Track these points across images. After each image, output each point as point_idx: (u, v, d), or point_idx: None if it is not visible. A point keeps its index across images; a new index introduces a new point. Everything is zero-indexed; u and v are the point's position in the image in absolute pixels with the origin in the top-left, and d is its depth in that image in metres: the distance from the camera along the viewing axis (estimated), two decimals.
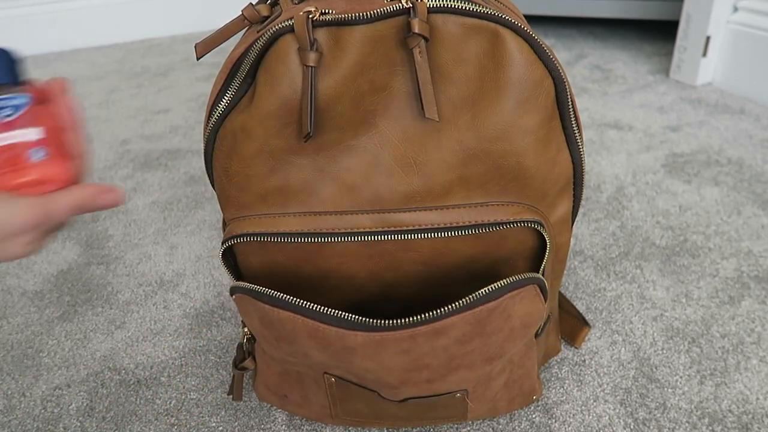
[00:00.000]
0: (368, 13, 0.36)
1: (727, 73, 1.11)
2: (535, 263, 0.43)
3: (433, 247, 0.40)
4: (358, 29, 0.37)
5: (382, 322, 0.38)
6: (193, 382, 0.57)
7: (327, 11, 0.37)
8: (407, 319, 0.38)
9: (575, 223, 0.77)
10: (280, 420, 0.52)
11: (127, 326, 0.64)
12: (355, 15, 0.36)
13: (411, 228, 0.39)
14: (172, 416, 0.53)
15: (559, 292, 0.61)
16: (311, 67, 0.36)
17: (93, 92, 1.34)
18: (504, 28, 0.36)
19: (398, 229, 0.39)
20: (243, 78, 0.39)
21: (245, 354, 0.50)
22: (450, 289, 0.43)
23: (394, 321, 0.38)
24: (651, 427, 0.49)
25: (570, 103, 0.39)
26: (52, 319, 0.66)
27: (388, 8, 0.36)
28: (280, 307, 0.39)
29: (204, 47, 0.41)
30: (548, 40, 1.45)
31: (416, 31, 0.35)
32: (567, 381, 0.54)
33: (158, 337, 0.62)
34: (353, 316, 0.38)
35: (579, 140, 0.41)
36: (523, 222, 0.40)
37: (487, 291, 0.38)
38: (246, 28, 0.42)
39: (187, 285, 0.70)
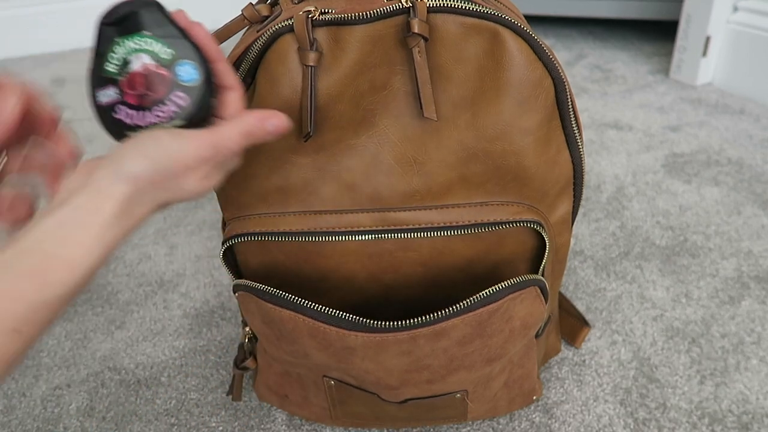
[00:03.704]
0: (368, 12, 0.36)
1: (727, 73, 1.11)
2: (536, 264, 0.43)
3: (432, 246, 0.40)
4: (357, 29, 0.37)
5: (383, 323, 0.38)
6: (193, 382, 0.57)
7: (327, 11, 0.37)
8: (408, 321, 0.38)
9: (575, 223, 0.77)
10: (280, 420, 0.52)
11: (127, 326, 0.64)
12: (355, 15, 0.36)
13: (410, 227, 0.39)
14: (172, 416, 0.53)
15: (559, 292, 0.61)
16: (311, 66, 0.36)
17: None
18: (504, 28, 0.36)
19: (398, 227, 0.39)
20: (243, 78, 0.39)
21: (246, 354, 0.50)
22: (450, 291, 0.43)
23: (395, 323, 0.38)
24: (651, 427, 0.49)
25: (570, 103, 0.39)
26: None
27: (388, 8, 0.36)
28: (282, 305, 0.39)
29: None
30: (548, 40, 1.45)
31: (416, 31, 0.35)
32: (567, 381, 0.54)
33: (158, 337, 0.62)
34: (354, 316, 0.38)
35: (579, 140, 0.41)
36: (523, 222, 0.40)
37: (487, 293, 0.38)
38: (246, 27, 0.42)
39: (187, 285, 0.70)
